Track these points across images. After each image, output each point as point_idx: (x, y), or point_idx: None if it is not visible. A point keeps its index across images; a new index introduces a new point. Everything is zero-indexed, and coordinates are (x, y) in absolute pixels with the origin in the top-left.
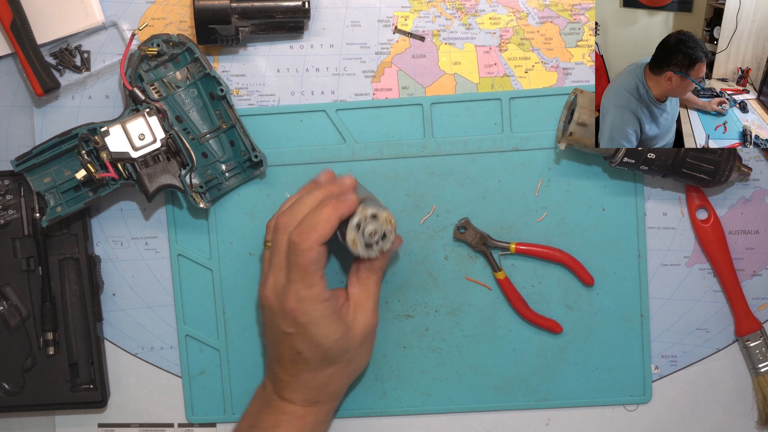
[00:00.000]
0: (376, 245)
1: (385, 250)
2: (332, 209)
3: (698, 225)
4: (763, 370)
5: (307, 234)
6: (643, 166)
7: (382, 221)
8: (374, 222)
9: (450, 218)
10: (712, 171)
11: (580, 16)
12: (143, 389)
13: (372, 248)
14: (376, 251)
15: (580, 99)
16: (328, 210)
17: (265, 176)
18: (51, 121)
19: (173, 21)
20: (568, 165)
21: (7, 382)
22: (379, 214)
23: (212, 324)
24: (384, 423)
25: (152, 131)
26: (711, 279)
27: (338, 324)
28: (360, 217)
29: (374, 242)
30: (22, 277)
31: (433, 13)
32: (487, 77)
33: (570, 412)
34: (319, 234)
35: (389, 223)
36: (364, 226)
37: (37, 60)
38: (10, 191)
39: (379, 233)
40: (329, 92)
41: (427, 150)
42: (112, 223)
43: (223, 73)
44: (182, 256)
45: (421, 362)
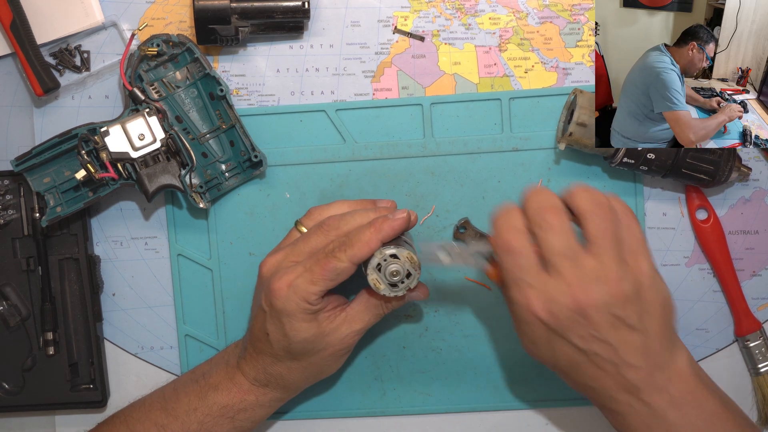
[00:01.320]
0: (402, 284)
1: (412, 287)
2: (374, 231)
3: (698, 225)
4: (763, 370)
5: (346, 248)
6: (642, 166)
7: (403, 260)
8: (396, 261)
9: (450, 218)
10: (711, 171)
11: (580, 16)
12: (143, 389)
13: (398, 287)
14: (402, 289)
15: (580, 99)
16: (370, 232)
17: (265, 176)
18: (51, 121)
19: (173, 21)
20: (568, 165)
21: (7, 382)
22: (399, 254)
23: (212, 324)
24: (384, 423)
25: (152, 131)
26: (711, 279)
27: (311, 324)
28: (379, 258)
29: (399, 281)
30: (22, 277)
31: (432, 13)
32: (487, 77)
33: (570, 412)
34: (354, 252)
35: (411, 261)
36: (385, 266)
37: (37, 60)
38: (10, 191)
39: (402, 273)
40: (329, 92)
41: (427, 150)
42: (112, 223)
43: (223, 73)
44: (182, 256)
45: (421, 362)
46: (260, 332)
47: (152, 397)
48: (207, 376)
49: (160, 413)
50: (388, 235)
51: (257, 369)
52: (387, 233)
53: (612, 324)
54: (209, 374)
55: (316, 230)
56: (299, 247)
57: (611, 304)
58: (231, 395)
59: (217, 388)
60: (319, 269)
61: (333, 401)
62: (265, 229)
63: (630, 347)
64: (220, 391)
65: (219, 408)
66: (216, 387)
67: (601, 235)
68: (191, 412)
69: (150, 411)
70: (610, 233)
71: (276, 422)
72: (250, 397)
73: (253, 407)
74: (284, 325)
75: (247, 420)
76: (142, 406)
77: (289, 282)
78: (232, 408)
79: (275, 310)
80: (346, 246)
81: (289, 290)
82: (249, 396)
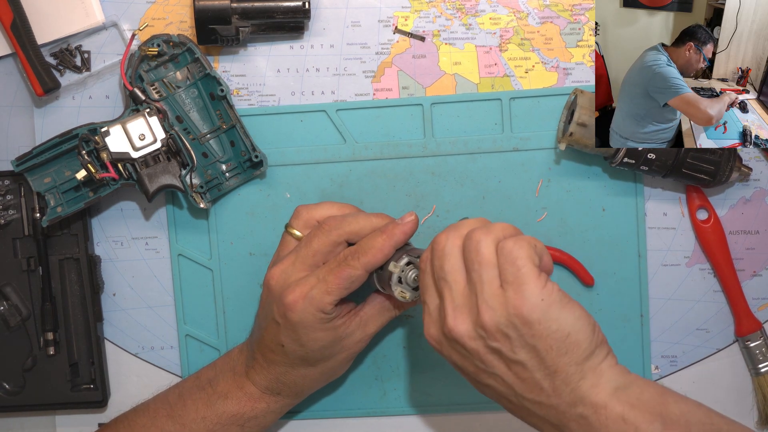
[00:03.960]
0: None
1: None
2: (387, 238)
3: (698, 225)
4: (763, 370)
5: (359, 255)
6: (643, 166)
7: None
8: (413, 268)
9: (450, 218)
10: (712, 171)
11: (580, 16)
12: (143, 389)
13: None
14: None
15: (580, 99)
16: (383, 239)
17: (265, 176)
18: (51, 121)
19: (173, 21)
20: (568, 165)
21: (7, 382)
22: (414, 261)
23: (212, 324)
24: (384, 423)
25: (152, 131)
26: (711, 279)
27: (328, 332)
28: (398, 272)
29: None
30: (22, 277)
31: (433, 14)
32: (488, 77)
33: None
34: (368, 259)
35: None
36: (405, 276)
37: (37, 60)
38: (10, 191)
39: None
40: (329, 92)
41: (427, 150)
42: (113, 223)
43: (224, 73)
44: (182, 256)
45: (421, 362)
46: (273, 344)
47: (156, 403)
48: (214, 383)
49: (167, 420)
50: (400, 241)
51: (269, 379)
52: (399, 239)
53: (492, 354)
54: (216, 382)
55: (317, 232)
56: (303, 253)
57: (481, 333)
58: (241, 404)
59: (226, 397)
60: (334, 278)
61: (334, 401)
62: (266, 229)
63: (523, 382)
64: (230, 399)
65: (229, 417)
66: (225, 396)
67: (478, 261)
68: (199, 421)
69: (155, 417)
70: (483, 260)
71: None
72: (261, 405)
73: (264, 414)
74: (301, 336)
75: (257, 426)
76: (147, 412)
77: (304, 294)
78: (242, 416)
79: (291, 322)
80: (359, 253)
81: (305, 302)
82: (260, 404)
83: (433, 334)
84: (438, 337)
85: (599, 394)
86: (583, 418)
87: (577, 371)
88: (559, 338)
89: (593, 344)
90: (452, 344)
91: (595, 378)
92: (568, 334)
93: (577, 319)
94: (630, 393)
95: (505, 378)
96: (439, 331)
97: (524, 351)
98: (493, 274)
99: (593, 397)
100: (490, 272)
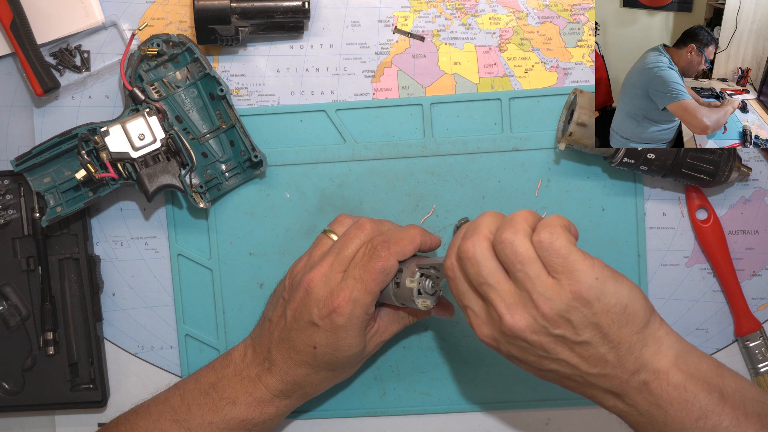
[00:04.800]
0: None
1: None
2: (419, 231)
3: (698, 225)
4: (763, 370)
5: (389, 244)
6: (642, 166)
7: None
8: (425, 278)
9: (450, 218)
10: (712, 171)
11: (580, 16)
12: (143, 389)
13: (437, 294)
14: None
15: (580, 99)
16: (415, 231)
17: (265, 176)
18: (51, 121)
19: (173, 21)
20: (568, 165)
21: (7, 382)
22: (427, 273)
23: (212, 324)
24: (384, 423)
25: (152, 131)
26: (711, 279)
27: (361, 339)
28: (416, 284)
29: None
30: (22, 277)
31: (432, 13)
32: (487, 77)
33: (570, 412)
34: (400, 248)
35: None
36: (423, 286)
37: (37, 60)
38: (10, 191)
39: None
40: (329, 92)
41: (427, 150)
42: (112, 223)
43: (223, 73)
44: (182, 256)
45: (421, 362)
46: (303, 345)
47: (158, 407)
48: (219, 389)
49: (171, 425)
50: (427, 241)
51: (286, 381)
52: (426, 238)
53: (556, 342)
54: (221, 387)
55: (356, 232)
56: (344, 254)
57: (543, 324)
58: (251, 410)
59: (235, 403)
60: (368, 275)
61: (333, 401)
62: (265, 229)
63: (587, 360)
64: (239, 405)
65: (237, 422)
66: (234, 402)
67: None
68: (206, 426)
69: (159, 421)
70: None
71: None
72: (270, 409)
73: (272, 418)
74: (339, 341)
75: (264, 429)
76: (149, 416)
77: (348, 297)
78: (251, 421)
79: (336, 325)
80: (389, 243)
81: (352, 305)
82: (269, 408)
83: (487, 333)
84: (493, 335)
85: (661, 361)
86: (645, 384)
87: (639, 339)
88: (618, 311)
89: (648, 312)
90: (512, 340)
91: (656, 345)
92: (625, 306)
93: (630, 290)
94: (689, 362)
95: (569, 360)
96: (493, 330)
97: (587, 330)
98: (538, 267)
99: (655, 364)
100: (535, 267)
